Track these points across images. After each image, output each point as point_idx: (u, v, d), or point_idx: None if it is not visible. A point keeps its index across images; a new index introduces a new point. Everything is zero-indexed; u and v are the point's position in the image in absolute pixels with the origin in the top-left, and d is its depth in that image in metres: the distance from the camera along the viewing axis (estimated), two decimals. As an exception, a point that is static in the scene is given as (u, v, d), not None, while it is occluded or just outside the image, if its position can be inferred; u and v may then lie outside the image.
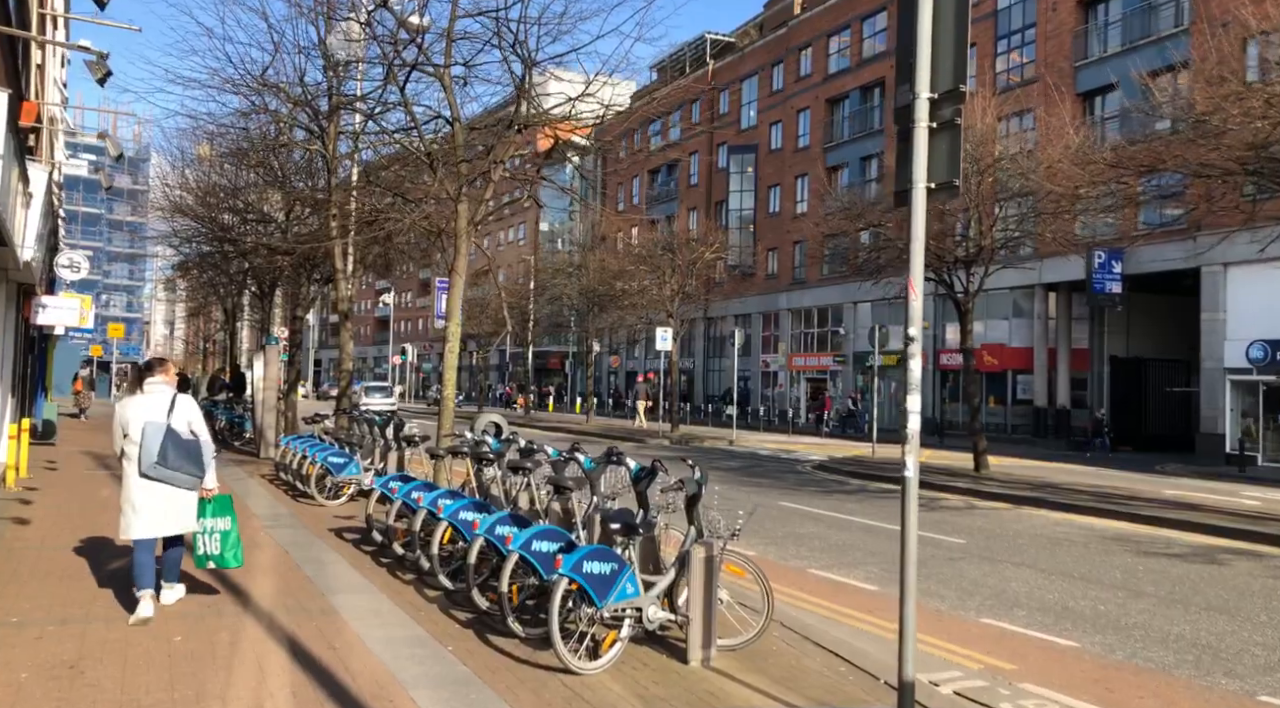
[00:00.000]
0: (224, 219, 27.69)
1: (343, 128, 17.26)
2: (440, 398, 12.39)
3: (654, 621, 6.31)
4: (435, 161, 12.13)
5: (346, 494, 13.16)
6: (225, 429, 23.60)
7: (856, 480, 19.23)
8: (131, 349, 68.18)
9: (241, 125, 17.80)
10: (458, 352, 12.42)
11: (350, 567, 8.88)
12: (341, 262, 17.69)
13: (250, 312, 36.99)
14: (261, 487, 14.88)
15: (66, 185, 54.03)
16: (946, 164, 4.93)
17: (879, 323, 25.81)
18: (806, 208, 49.04)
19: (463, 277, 12.30)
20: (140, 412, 6.87)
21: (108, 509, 11.82)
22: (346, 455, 13.25)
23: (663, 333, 30.54)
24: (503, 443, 10.74)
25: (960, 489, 17.25)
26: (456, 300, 12.29)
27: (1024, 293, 37.14)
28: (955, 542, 12.40)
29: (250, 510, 12.27)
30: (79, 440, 22.42)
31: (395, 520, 9.23)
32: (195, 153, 28.06)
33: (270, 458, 19.28)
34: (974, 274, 19.48)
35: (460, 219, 12.20)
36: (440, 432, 12.25)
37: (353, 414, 16.09)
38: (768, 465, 22.66)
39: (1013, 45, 38.22)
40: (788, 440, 33.48)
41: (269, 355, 19.81)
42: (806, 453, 27.33)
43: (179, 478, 6.86)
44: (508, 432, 13.86)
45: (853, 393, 38.71)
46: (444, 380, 12.32)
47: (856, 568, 10.46)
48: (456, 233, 12.25)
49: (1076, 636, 7.90)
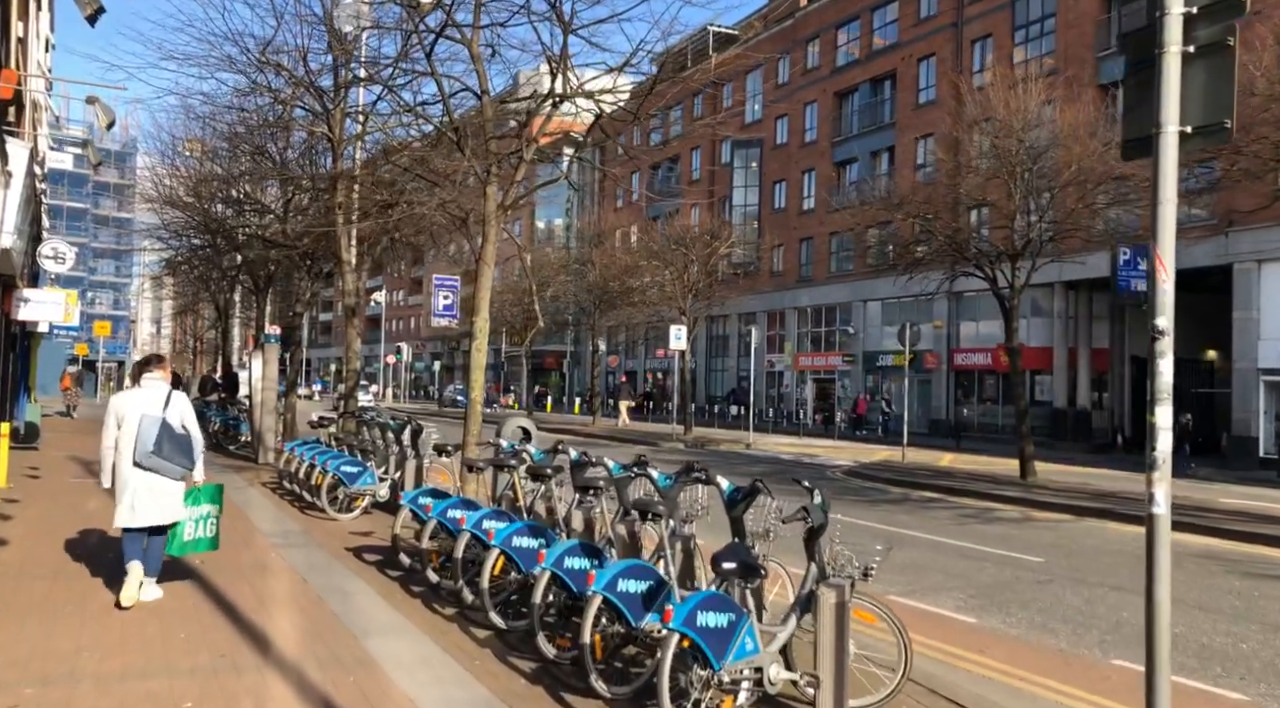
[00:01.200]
0: (216, 210, 26.42)
1: (350, 108, 16.02)
2: (464, 400, 11.17)
3: (776, 683, 5.13)
4: (463, 138, 10.90)
5: (360, 507, 11.93)
6: (219, 432, 22.30)
7: (897, 488, 18.07)
8: (118, 348, 66.62)
9: (239, 105, 16.49)
10: (485, 349, 11.20)
11: (380, 598, 7.66)
12: (347, 253, 16.44)
13: (242, 308, 35.66)
14: (264, 497, 13.63)
15: (51, 179, 52.55)
16: (1213, 99, 3.74)
17: (908, 320, 24.60)
18: (814, 204, 47.91)
19: (491, 266, 11.09)
20: (137, 404, 7.20)
21: (97, 523, 10.58)
22: (360, 465, 12.02)
23: (676, 331, 29.35)
24: (547, 454, 9.56)
25: (1011, 498, 16.10)
26: (485, 292, 11.07)
27: (1043, 291, 36.02)
28: (1033, 560, 11.25)
29: (255, 525, 11.03)
30: (64, 444, 21.11)
31: (427, 542, 8.03)
32: (184, 145, 26.80)
33: (269, 464, 18.05)
34: (1019, 268, 18.32)
35: (489, 202, 10.99)
36: (467, 439, 11.03)
37: (362, 418, 14.85)
38: (796, 472, 21.47)
39: (1030, 36, 37.11)
40: (803, 443, 32.31)
41: (268, 354, 18.55)
42: (830, 457, 26.17)
43: (170, 468, 7.19)
44: (542, 440, 12.71)
45: (886, 395, 36.89)
46: (470, 382, 11.10)
47: (940, 594, 9.29)
48: (485, 218, 11.05)
49: (1236, 683, 6.75)
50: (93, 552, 9.16)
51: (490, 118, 10.95)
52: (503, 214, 11.17)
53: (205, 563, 8.65)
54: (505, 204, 11.14)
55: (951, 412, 40.21)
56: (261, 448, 18.34)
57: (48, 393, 46.14)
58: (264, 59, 15.27)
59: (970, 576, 10.24)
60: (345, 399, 16.30)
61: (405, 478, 12.15)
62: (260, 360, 18.67)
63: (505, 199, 11.15)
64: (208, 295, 34.44)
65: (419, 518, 8.63)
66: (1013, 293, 18.46)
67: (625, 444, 28.68)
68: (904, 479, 18.85)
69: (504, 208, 11.14)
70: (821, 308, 47.41)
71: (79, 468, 16.50)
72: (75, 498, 12.86)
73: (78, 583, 7.92)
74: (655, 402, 56.28)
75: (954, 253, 18.91)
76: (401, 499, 8.83)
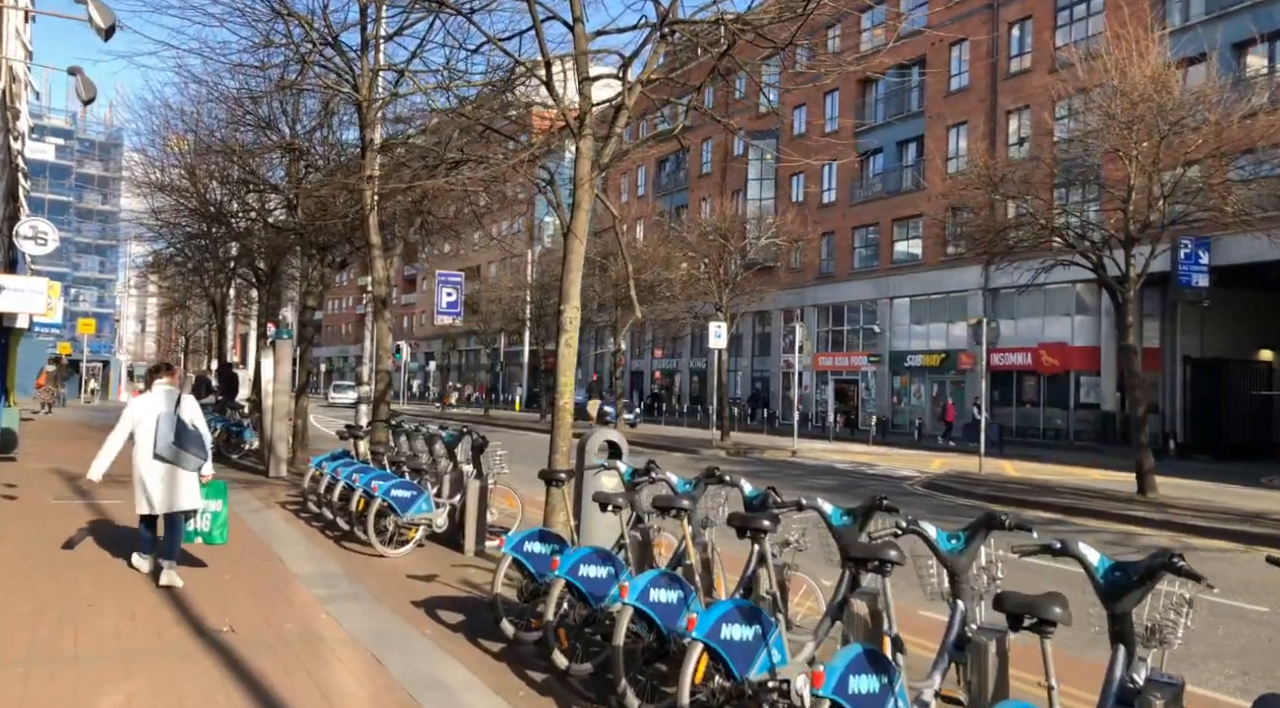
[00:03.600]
0: (214, 194, 24.10)
1: (382, 64, 13.73)
2: (547, 403, 8.90)
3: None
4: (550, 77, 8.65)
5: (414, 540, 9.67)
6: (221, 439, 19.90)
7: (1007, 507, 15.85)
8: (103, 347, 63.77)
9: (246, 62, 14.14)
10: (576, 346, 8.96)
11: (501, 701, 5.39)
12: (376, 235, 14.16)
13: (239, 304, 33.30)
14: (287, 524, 11.35)
15: (32, 171, 49.99)
16: None
17: (989, 315, 22.34)
18: (836, 196, 45.82)
19: (583, 241, 8.86)
20: (153, 406, 7.94)
21: (85, 564, 8.28)
22: (414, 487, 9.76)
23: (716, 328, 27.14)
24: (636, 475, 7.41)
25: (1149, 520, 13.88)
26: (576, 273, 8.85)
27: (1088, 287, 33.99)
28: (1259, 610, 9.06)
29: (287, 566, 8.77)
30: (46, 453, 18.70)
31: (552, 612, 5.80)
32: (173, 137, 24.54)
33: (282, 478, 15.79)
34: (1134, 256, 16.17)
35: (581, 161, 8.77)
36: (555, 454, 8.79)
37: (397, 427, 12.58)
38: (869, 485, 19.26)
39: (1075, 17, 35.05)
40: (843, 448, 30.17)
41: (280, 352, 16.27)
42: (890, 467, 23.98)
43: (188, 460, 7.90)
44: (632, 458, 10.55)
45: (975, 400, 33.80)
46: (558, 385, 8.85)
47: (1190, 665, 7.06)
48: (577, 181, 8.81)
49: None
50: (87, 613, 6.88)
51: (585, 51, 8.70)
52: (598, 175, 8.93)
53: (238, 631, 6.41)
54: (602, 162, 8.90)
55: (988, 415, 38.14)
56: (273, 460, 16.06)
57: (28, 394, 43.58)
58: (281, 7, 13.02)
59: (1202, 634, 8.03)
60: (376, 405, 14.01)
61: (468, 503, 9.90)
62: (270, 359, 16.37)
63: (602, 155, 8.90)
64: (201, 290, 32.07)
65: (528, 572, 6.41)
66: (1128, 283, 16.29)
67: (657, 452, 26.46)
68: (1000, 495, 16.68)
69: (600, 167, 8.90)
70: (843, 305, 45.33)
71: (62, 484, 14.16)
72: (59, 523, 10.53)
73: (62, 669, 5.63)
74: (664, 403, 54.02)
75: (1058, 238, 16.71)
76: (504, 544, 6.57)
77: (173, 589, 7.57)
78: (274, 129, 18.09)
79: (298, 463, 17.36)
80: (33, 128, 38.96)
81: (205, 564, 8.58)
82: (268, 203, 21.92)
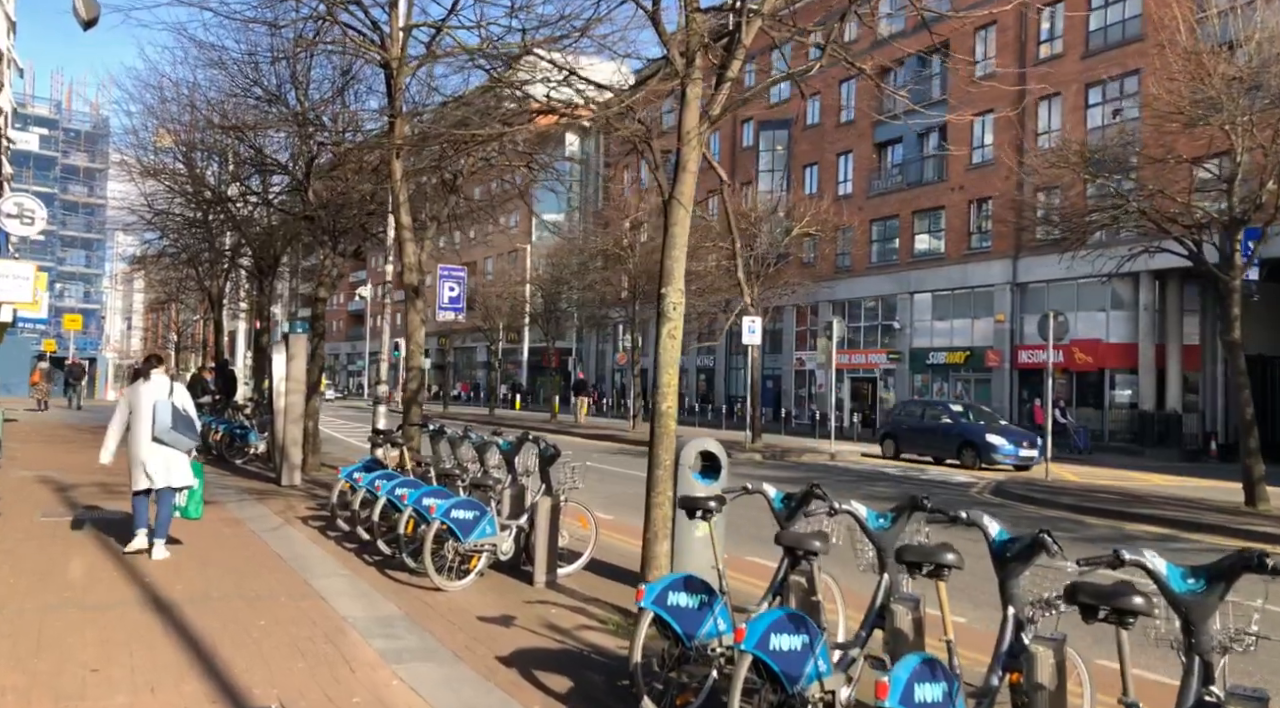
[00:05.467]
0: (211, 176, 22.48)
1: (416, 21, 12.10)
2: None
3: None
4: (658, 6, 7.07)
5: (475, 570, 8.08)
6: (222, 442, 18.29)
7: (1094, 519, 14.33)
8: (90, 343, 61.69)
9: (263, 16, 12.45)
10: (680, 337, 7.38)
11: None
12: (407, 215, 12.53)
13: (231, 299, 31.59)
14: (315, 545, 9.74)
15: (15, 161, 48.13)
16: None
17: (1053, 309, 20.73)
18: (852, 188, 44.32)
19: (689, 208, 7.30)
20: (149, 394, 8.74)
21: (86, 608, 6.66)
22: (479, 506, 8.16)
23: (750, 323, 25.55)
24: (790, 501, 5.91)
25: (1276, 537, 12.39)
26: (680, 250, 7.30)
27: (1125, 281, 32.56)
28: None
29: (329, 603, 7.18)
30: (32, 458, 17.00)
31: (669, 663, 4.27)
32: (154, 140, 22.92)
33: (295, 487, 14.20)
34: (1239, 240, 14.68)
35: (689, 111, 7.21)
36: (657, 470, 7.22)
37: (436, 432, 10.99)
38: (939, 494, 17.74)
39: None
40: (877, 452, 28.60)
41: (294, 348, 14.64)
42: (942, 472, 22.45)
43: (182, 441, 8.76)
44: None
45: (1059, 403, 31.74)
46: (658, 385, 7.28)
47: None
48: (681, 136, 7.26)
49: None
50: (78, 668, 5.28)
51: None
52: (709, 129, 7.37)
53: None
54: (714, 113, 7.33)
55: (1015, 416, 36.66)
56: (286, 466, 14.44)
57: (11, 393, 41.75)
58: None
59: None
60: (408, 407, 12.39)
61: (539, 524, 8.30)
62: (282, 355, 14.74)
63: (713, 105, 7.33)
64: (194, 283, 30.34)
65: (672, 631, 4.86)
66: (1233, 270, 14.81)
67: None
68: (1088, 505, 15.15)
69: (710, 120, 7.33)
70: (860, 301, 43.82)
71: (51, 497, 12.51)
72: (51, 553, 8.92)
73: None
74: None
75: (1157, 221, 15.16)
76: (642, 596, 5.00)
77: (198, 646, 5.99)
78: (281, 102, 16.45)
79: (309, 469, 15.78)
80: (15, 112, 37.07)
81: (234, 598, 6.98)
82: (272, 185, 20.28)
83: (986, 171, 38.11)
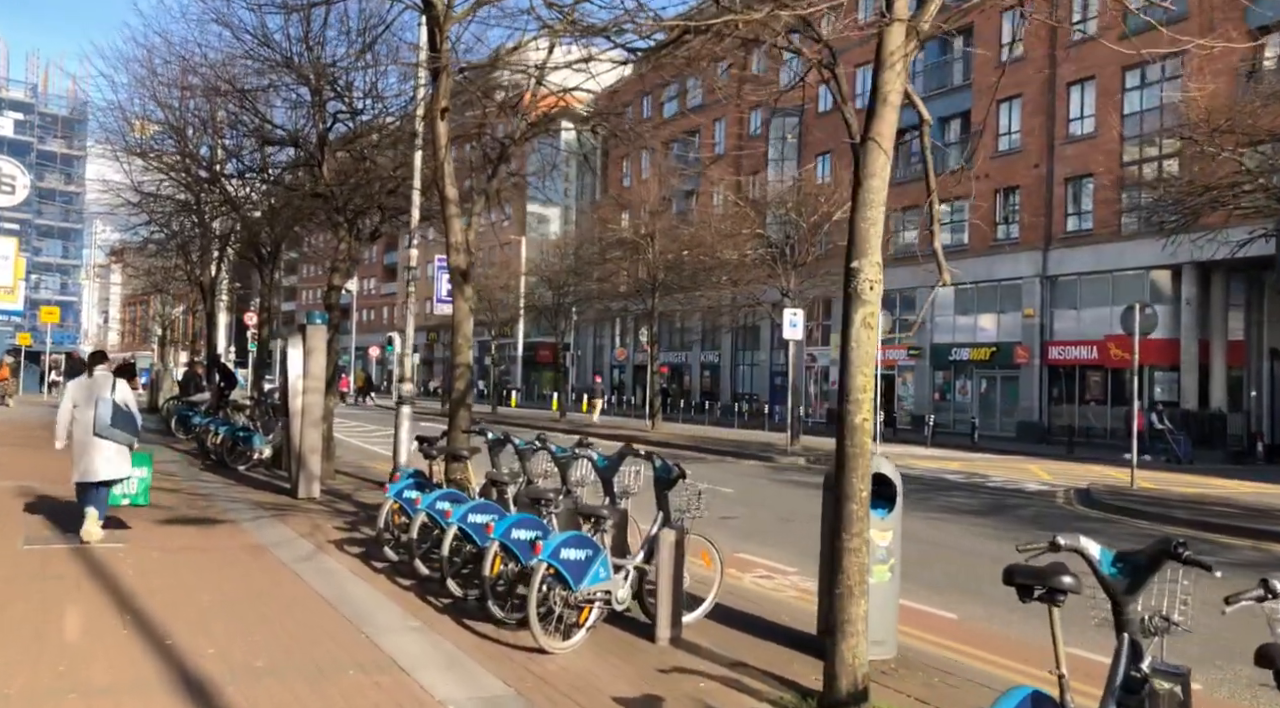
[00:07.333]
0: (204, 153, 20.58)
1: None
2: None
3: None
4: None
5: (586, 624, 6.27)
6: (223, 446, 16.36)
7: (1230, 539, 12.65)
8: (67, 337, 59.24)
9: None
10: (878, 325, 5.61)
11: None
12: (454, 186, 10.69)
13: (227, 284, 29.62)
14: (366, 584, 7.91)
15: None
16: None
17: (1139, 301, 19.08)
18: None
19: (889, 153, 5.56)
20: (93, 390, 9.19)
21: (88, 695, 4.84)
22: (591, 544, 6.35)
23: (791, 316, 23.87)
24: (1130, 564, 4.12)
25: None
26: (878, 211, 5.58)
27: (1165, 274, 31.05)
28: None
29: (412, 677, 5.36)
30: (9, 466, 15.06)
31: None
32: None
33: (315, 501, 12.37)
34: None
35: (892, 32, 5.59)
36: (850, 503, 5.46)
37: (499, 441, 9.18)
38: (1013, 502, 16.06)
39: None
40: (919, 454, 26.96)
41: (312, 340, 12.78)
42: (1007, 477, 20.74)
43: (120, 437, 9.16)
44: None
45: (1158, 407, 29.39)
46: (848, 388, 5.51)
47: None
48: (880, 60, 5.58)
49: None
50: None
51: None
52: (915, 49, 5.60)
53: None
54: (922, 29, 5.55)
55: (1044, 414, 35.15)
56: (303, 477, 12.58)
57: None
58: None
59: None
60: (455, 409, 10.55)
61: (660, 565, 6.50)
62: (299, 350, 12.87)
63: (922, 16, 5.55)
64: (185, 273, 28.34)
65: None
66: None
67: (722, 458, 23.26)
68: (1211, 521, 13.50)
69: (919, 38, 5.58)
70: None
71: (34, 518, 10.60)
72: (34, 598, 7.05)
73: None
74: (673, 400, 50.56)
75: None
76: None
77: None
78: (292, 67, 14.57)
79: (325, 478, 13.90)
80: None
81: (287, 671, 5.16)
82: (277, 162, 18.38)
83: (1013, 159, 36.53)
